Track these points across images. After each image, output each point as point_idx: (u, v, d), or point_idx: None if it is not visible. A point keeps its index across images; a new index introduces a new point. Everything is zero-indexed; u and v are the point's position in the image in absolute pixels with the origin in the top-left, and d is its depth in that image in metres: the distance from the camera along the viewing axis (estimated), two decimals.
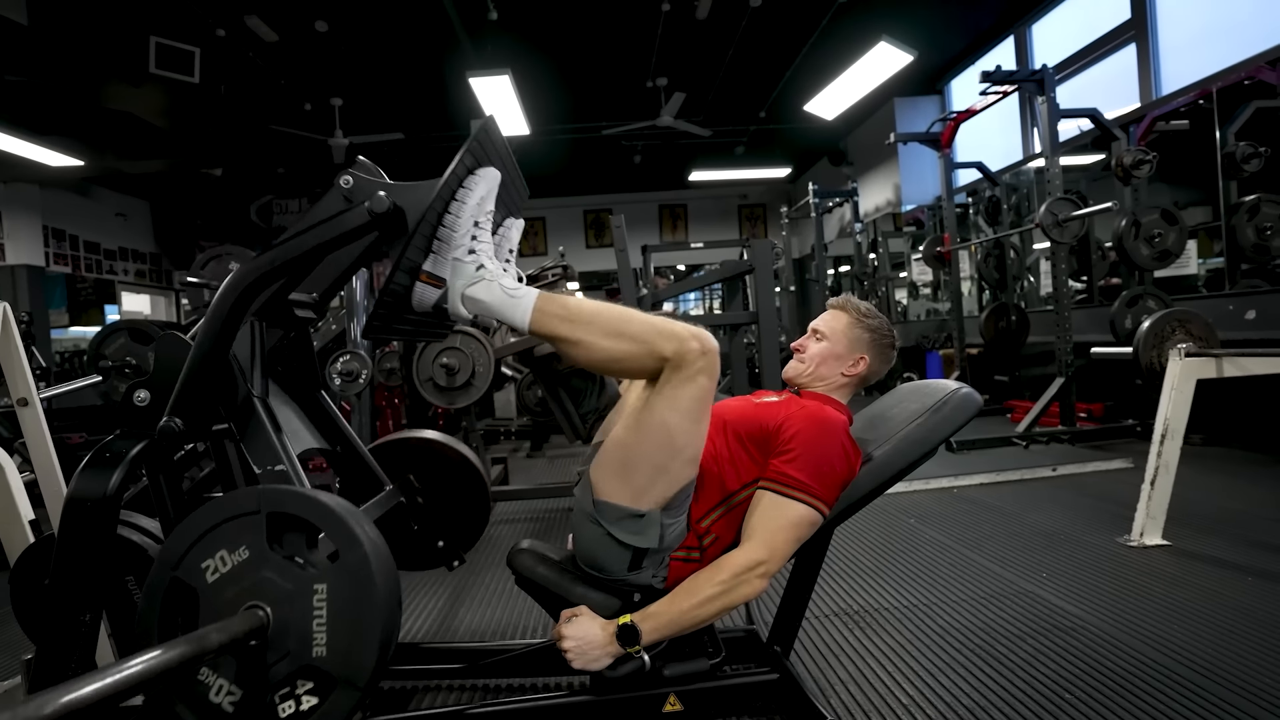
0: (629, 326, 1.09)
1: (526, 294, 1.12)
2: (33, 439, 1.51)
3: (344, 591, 0.93)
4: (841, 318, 1.36)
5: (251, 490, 1.01)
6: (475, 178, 1.14)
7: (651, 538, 1.13)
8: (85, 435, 4.10)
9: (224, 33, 5.30)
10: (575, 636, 1.11)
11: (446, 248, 1.12)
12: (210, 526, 0.97)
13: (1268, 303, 3.37)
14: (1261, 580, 1.87)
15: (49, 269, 8.18)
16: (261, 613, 0.92)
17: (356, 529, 0.95)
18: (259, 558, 0.95)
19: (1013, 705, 1.33)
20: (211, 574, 0.96)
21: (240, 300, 1.12)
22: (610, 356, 1.09)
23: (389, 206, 1.07)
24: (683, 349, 1.06)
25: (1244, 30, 4.11)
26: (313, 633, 0.92)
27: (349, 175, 1.14)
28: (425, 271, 1.12)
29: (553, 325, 1.10)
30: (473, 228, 1.13)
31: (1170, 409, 2.19)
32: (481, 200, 1.13)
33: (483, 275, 1.11)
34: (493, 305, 1.11)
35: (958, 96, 7.31)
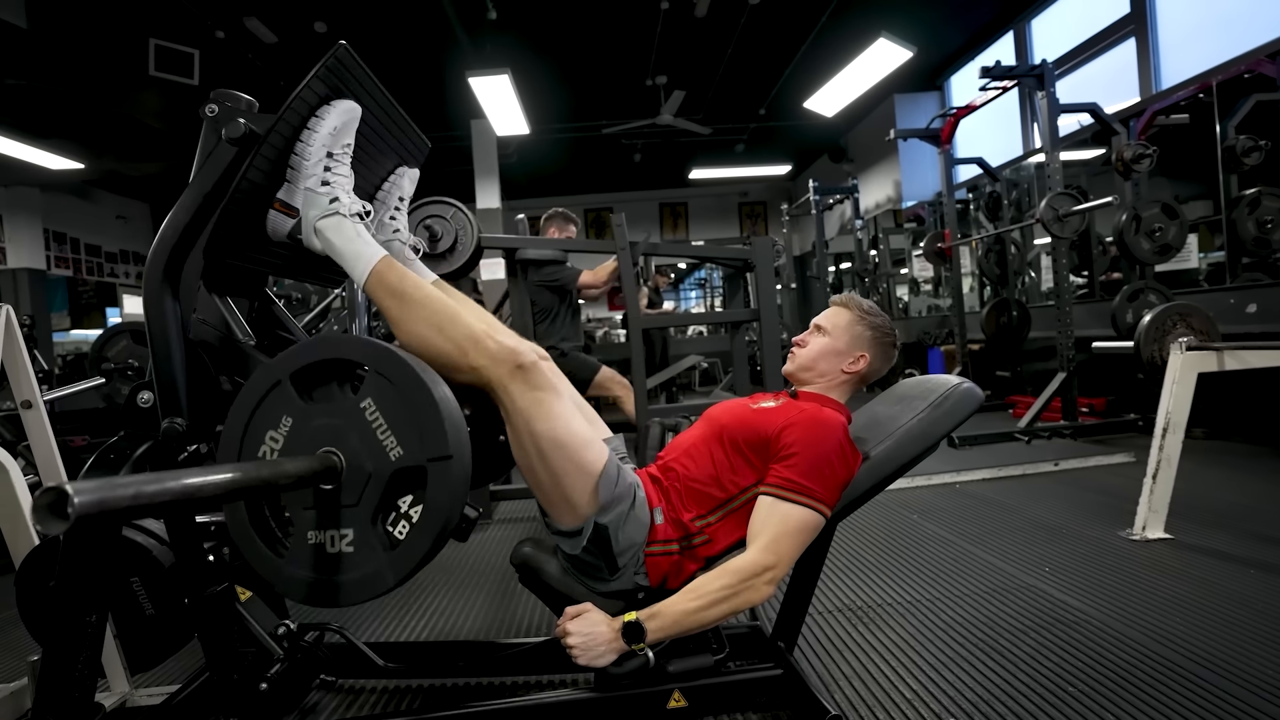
0: (451, 326, 1.08)
1: (373, 252, 1.11)
2: (37, 441, 1.52)
3: (387, 393, 0.95)
4: (844, 314, 1.36)
5: (263, 367, 1.02)
6: (328, 108, 1.13)
7: (577, 544, 1.15)
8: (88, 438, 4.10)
9: (223, 35, 5.31)
10: (580, 633, 1.11)
11: (298, 175, 1.11)
12: (248, 418, 1.00)
13: (1269, 296, 3.37)
14: (1263, 573, 1.87)
15: (50, 272, 8.20)
16: (334, 456, 0.94)
17: (365, 342, 0.98)
18: (302, 417, 0.98)
19: (1016, 699, 1.34)
20: (271, 456, 0.99)
21: (165, 278, 1.10)
22: (424, 348, 1.08)
23: (244, 130, 1.07)
24: (496, 371, 1.06)
25: (1243, 23, 4.10)
26: (383, 443, 0.94)
27: (213, 103, 1.11)
28: (279, 199, 1.11)
29: (381, 295, 1.10)
30: (326, 158, 1.11)
31: (1172, 403, 2.19)
32: (335, 131, 1.12)
33: (336, 209, 1.10)
34: (339, 248, 1.11)
35: (957, 92, 7.30)
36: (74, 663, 1.09)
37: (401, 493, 0.96)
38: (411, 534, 0.94)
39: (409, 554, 0.93)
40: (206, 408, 1.17)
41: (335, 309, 3.96)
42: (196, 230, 1.12)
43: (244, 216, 1.12)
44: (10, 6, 4.52)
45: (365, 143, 1.24)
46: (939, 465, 3.23)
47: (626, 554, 1.15)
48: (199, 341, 1.18)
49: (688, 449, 1.28)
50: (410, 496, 0.95)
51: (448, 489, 0.92)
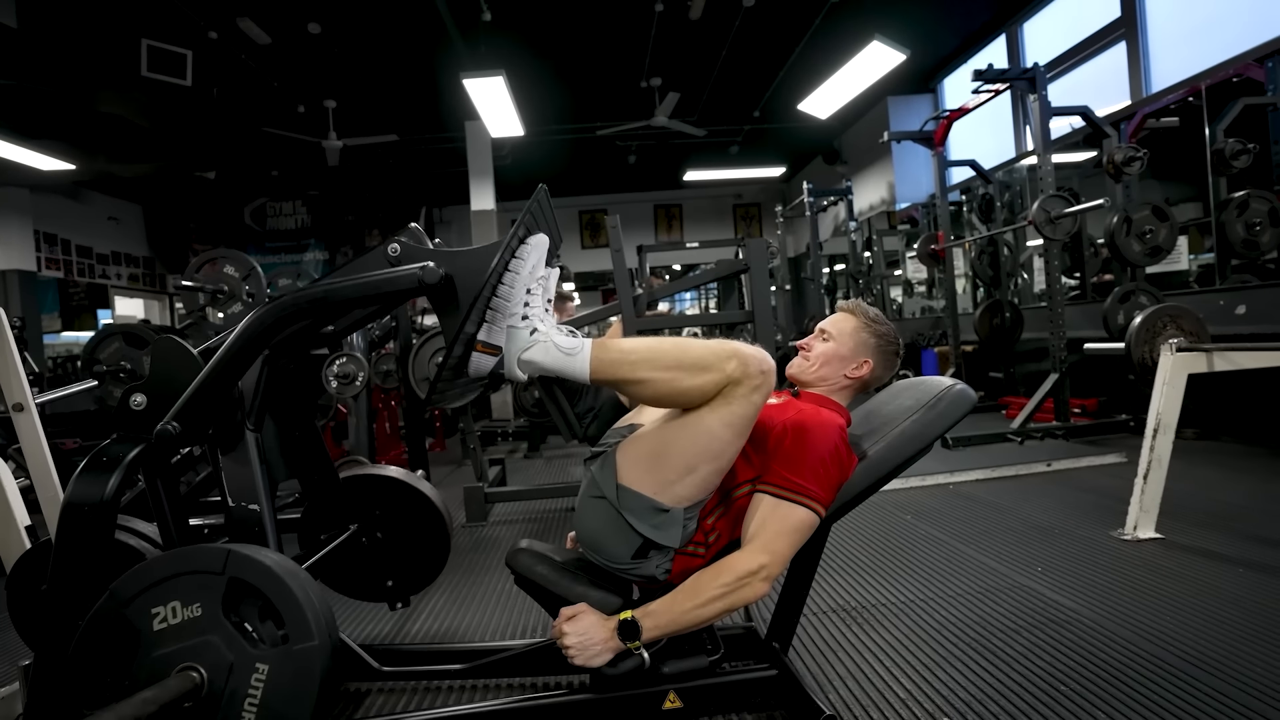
0: (688, 355, 1.09)
1: (581, 348, 1.12)
2: (28, 444, 1.51)
3: (284, 679, 0.92)
4: (850, 320, 1.37)
5: (220, 550, 0.99)
6: (527, 246, 1.14)
7: (674, 535, 1.14)
8: (79, 440, 4.08)
9: (216, 35, 5.29)
10: (576, 633, 1.11)
11: (501, 317, 1.12)
12: (171, 574, 0.97)
13: (1258, 298, 3.40)
14: (1253, 572, 1.89)
15: (41, 274, 8.14)
16: (196, 675, 0.92)
17: (313, 621, 0.94)
18: (210, 620, 0.95)
19: (1009, 698, 1.35)
20: (159, 622, 0.96)
21: (270, 329, 1.13)
22: (676, 388, 1.09)
23: (440, 278, 1.08)
24: (746, 368, 1.06)
25: (1232, 28, 4.14)
26: (241, 713, 0.91)
27: (397, 244, 1.15)
28: (481, 341, 1.12)
29: (614, 371, 1.11)
30: (525, 294, 1.13)
31: (1162, 403, 2.21)
32: (534, 268, 1.14)
33: (537, 339, 1.12)
34: (550, 366, 1.11)
35: (950, 95, 7.34)
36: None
37: None
38: None
39: None
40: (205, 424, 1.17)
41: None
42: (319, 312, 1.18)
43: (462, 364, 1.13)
44: (0, 6, 4.50)
45: None
46: (933, 466, 3.24)
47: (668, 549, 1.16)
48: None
49: None
50: None
51: None
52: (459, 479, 4.02)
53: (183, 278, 3.03)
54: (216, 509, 2.27)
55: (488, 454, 4.33)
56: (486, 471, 3.60)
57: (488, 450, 4.75)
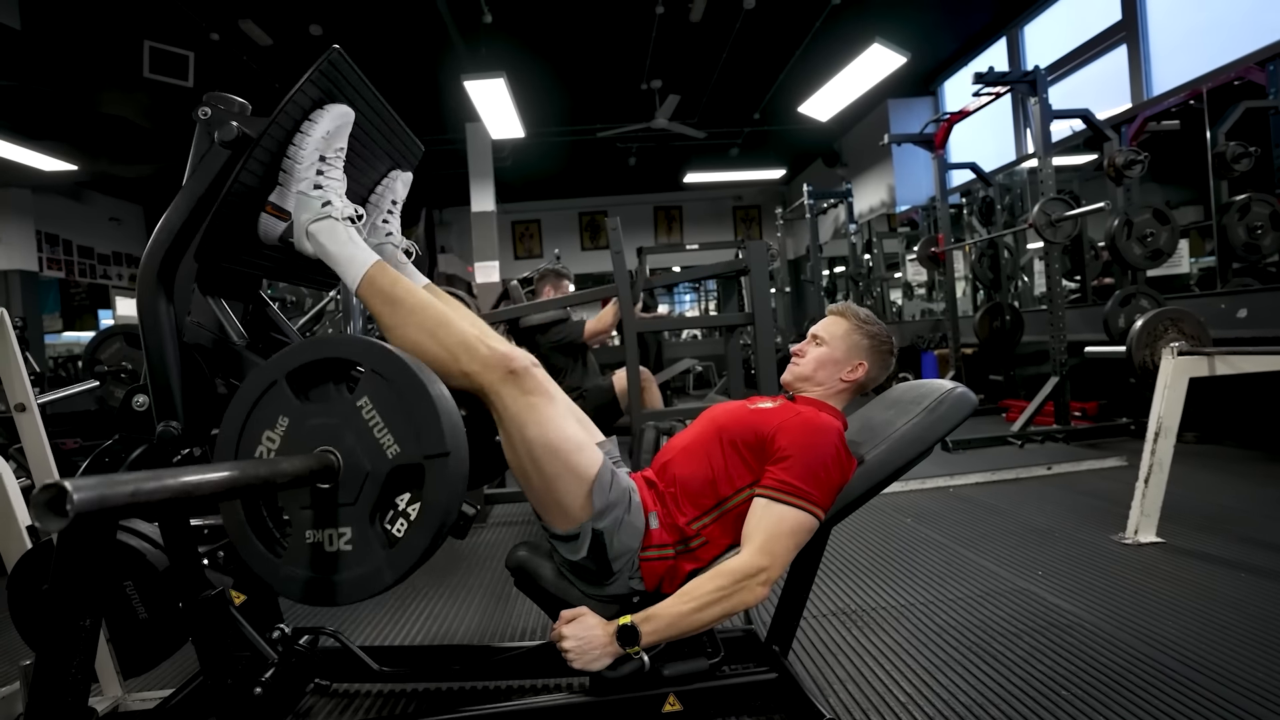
0: (443, 331, 1.09)
1: (365, 256, 1.11)
2: (30, 444, 1.51)
3: (383, 390, 0.95)
4: (841, 323, 1.37)
5: (260, 367, 1.02)
6: (321, 111, 1.13)
7: (580, 547, 1.14)
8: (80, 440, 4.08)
9: (218, 37, 5.30)
10: (576, 636, 1.11)
11: (290, 179, 1.11)
12: (244, 419, 1.00)
13: (1259, 301, 3.40)
14: (1254, 576, 1.89)
15: (42, 274, 8.15)
16: (331, 456, 0.94)
17: (361, 341, 0.98)
18: (298, 416, 0.98)
19: (1009, 702, 1.34)
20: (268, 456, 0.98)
21: (158, 281, 1.10)
22: (417, 353, 1.08)
23: (237, 133, 1.07)
24: (488, 376, 1.07)
25: (1233, 31, 4.14)
26: (379, 441, 0.94)
27: (206, 106, 1.11)
28: (271, 203, 1.11)
29: (373, 300, 1.11)
30: (318, 162, 1.12)
31: (1163, 407, 2.21)
32: (329, 135, 1.12)
33: (328, 212, 1.11)
34: (332, 252, 1.11)
35: (951, 98, 7.35)
36: (67, 667, 1.08)
37: (399, 490, 0.96)
38: (410, 532, 0.94)
39: (407, 552, 0.93)
40: (201, 411, 1.16)
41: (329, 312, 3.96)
42: (190, 234, 1.12)
43: (236, 220, 1.12)
44: (4, 7, 4.51)
45: (358, 146, 1.24)
46: (933, 469, 3.24)
47: (621, 559, 1.16)
48: (193, 344, 1.17)
49: (685, 449, 1.28)
50: (408, 494, 0.95)
51: (445, 486, 0.93)
52: None
53: None
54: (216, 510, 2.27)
55: None
56: None
57: None
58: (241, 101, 1.14)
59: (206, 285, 1.21)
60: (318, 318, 3.80)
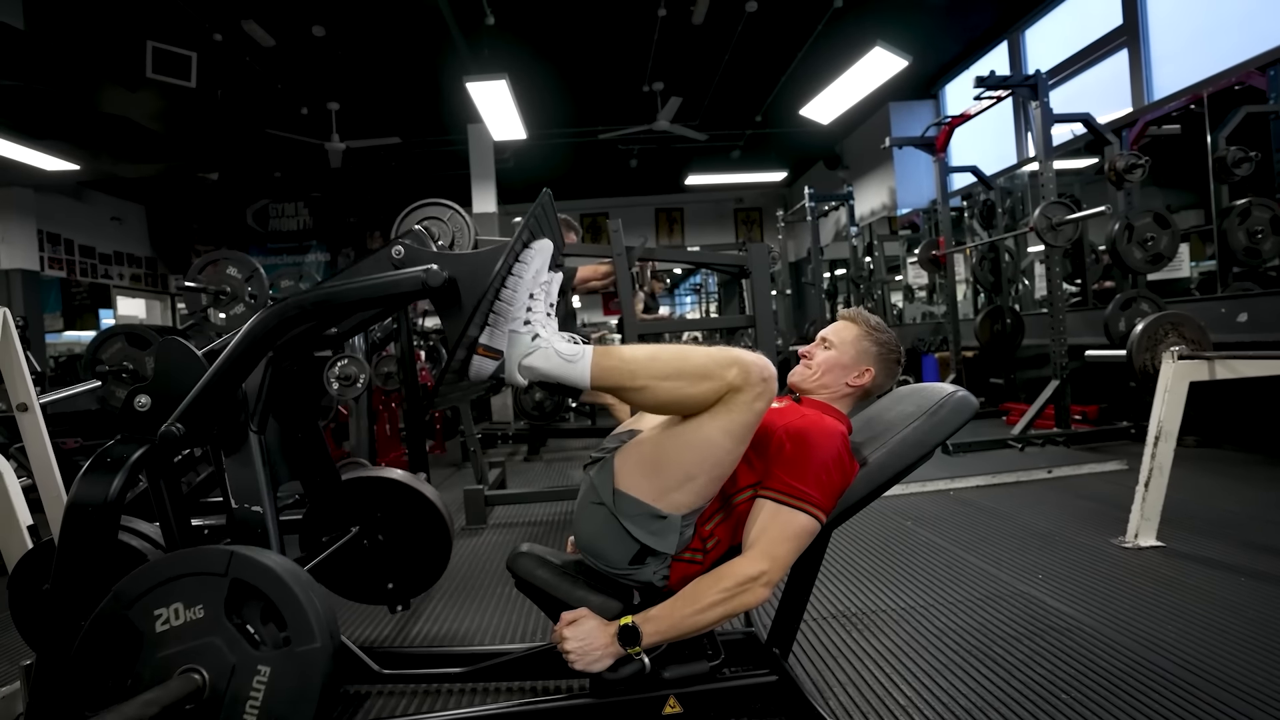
0: (689, 363, 1.09)
1: (582, 355, 1.12)
2: (32, 444, 1.51)
3: (286, 681, 0.92)
4: (851, 329, 1.38)
5: (224, 551, 0.99)
6: (531, 251, 1.15)
7: (670, 543, 1.14)
8: (80, 440, 4.08)
9: (221, 37, 5.31)
10: (577, 638, 1.11)
11: (503, 321, 1.12)
12: (174, 575, 0.97)
13: (1259, 305, 3.40)
14: (1254, 581, 1.89)
15: (44, 273, 8.16)
16: (199, 677, 0.92)
17: (315, 624, 0.95)
18: (212, 621, 0.95)
19: (1009, 705, 1.34)
20: (161, 624, 0.96)
21: (275, 331, 1.14)
22: (676, 396, 1.09)
23: (444, 281, 1.08)
24: (748, 376, 1.07)
25: (1234, 36, 4.15)
26: (243, 716, 0.91)
27: (401, 246, 1.16)
28: (482, 345, 1.12)
29: (614, 379, 1.11)
30: (528, 299, 1.13)
31: (1164, 411, 2.21)
32: (537, 273, 1.14)
33: (538, 345, 1.12)
34: (550, 372, 1.12)
35: (952, 101, 7.36)
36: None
37: None
38: None
39: None
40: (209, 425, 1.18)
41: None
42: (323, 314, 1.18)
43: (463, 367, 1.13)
44: (8, 7, 4.52)
45: None
46: (934, 472, 3.24)
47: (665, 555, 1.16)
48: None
49: None
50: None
51: None
52: (459, 481, 4.02)
53: (185, 278, 3.03)
54: (218, 509, 2.27)
55: (488, 457, 4.33)
56: (487, 474, 3.60)
57: (488, 453, 4.75)
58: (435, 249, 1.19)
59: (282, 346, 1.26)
60: None
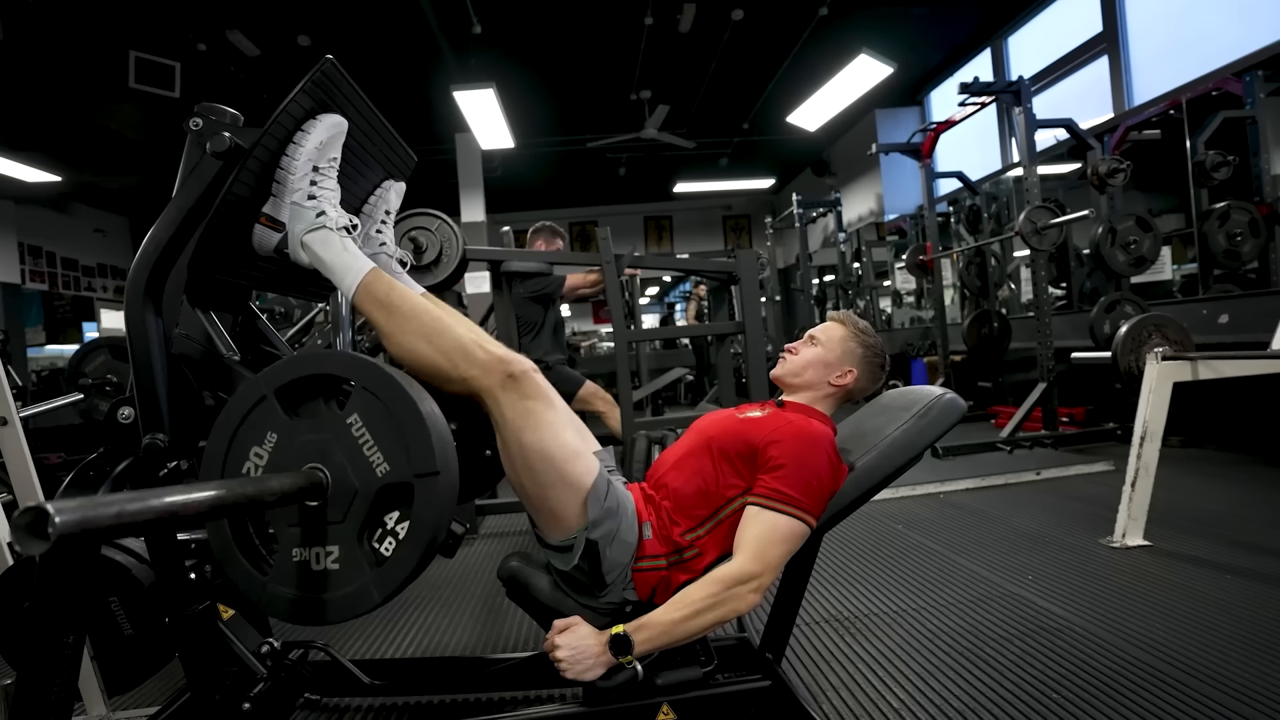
0: (440, 338, 1.09)
1: (361, 264, 1.11)
2: (12, 459, 1.49)
3: (374, 409, 0.94)
4: (838, 329, 1.39)
5: (249, 381, 1.00)
6: (314, 121, 1.13)
7: (573, 557, 1.14)
8: (63, 455, 4.03)
9: (205, 47, 5.28)
10: (569, 646, 1.11)
11: (284, 189, 1.11)
12: (232, 434, 0.98)
13: (1240, 307, 3.45)
14: (1240, 578, 1.91)
15: (25, 286, 8.06)
16: (319, 473, 0.93)
17: (351, 357, 0.97)
18: (287, 432, 0.96)
19: (1001, 706, 1.35)
20: (255, 473, 0.97)
21: (147, 293, 1.10)
22: (415, 359, 1.09)
23: (229, 144, 1.06)
24: (487, 381, 1.07)
25: (1211, 43, 4.22)
26: (369, 459, 0.93)
27: (198, 116, 1.10)
28: (264, 214, 1.12)
29: (370, 307, 1.11)
30: (312, 172, 1.12)
31: (1149, 411, 2.23)
32: (322, 145, 1.13)
33: (322, 222, 1.11)
34: (327, 261, 1.11)
35: (937, 107, 7.43)
36: (50, 686, 1.06)
37: (388, 509, 0.95)
38: (398, 551, 0.93)
39: (395, 571, 0.92)
40: (189, 423, 1.15)
41: (319, 323, 3.93)
42: (179, 245, 1.11)
43: (229, 231, 1.12)
44: None
45: (351, 156, 1.24)
46: (923, 476, 3.25)
47: (614, 572, 1.15)
48: (181, 356, 1.16)
49: (676, 462, 1.28)
50: (397, 513, 0.94)
51: (435, 506, 0.92)
52: None
53: None
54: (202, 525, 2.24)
55: None
56: None
57: None
58: (233, 113, 1.14)
59: (195, 297, 1.20)
60: (307, 329, 3.78)
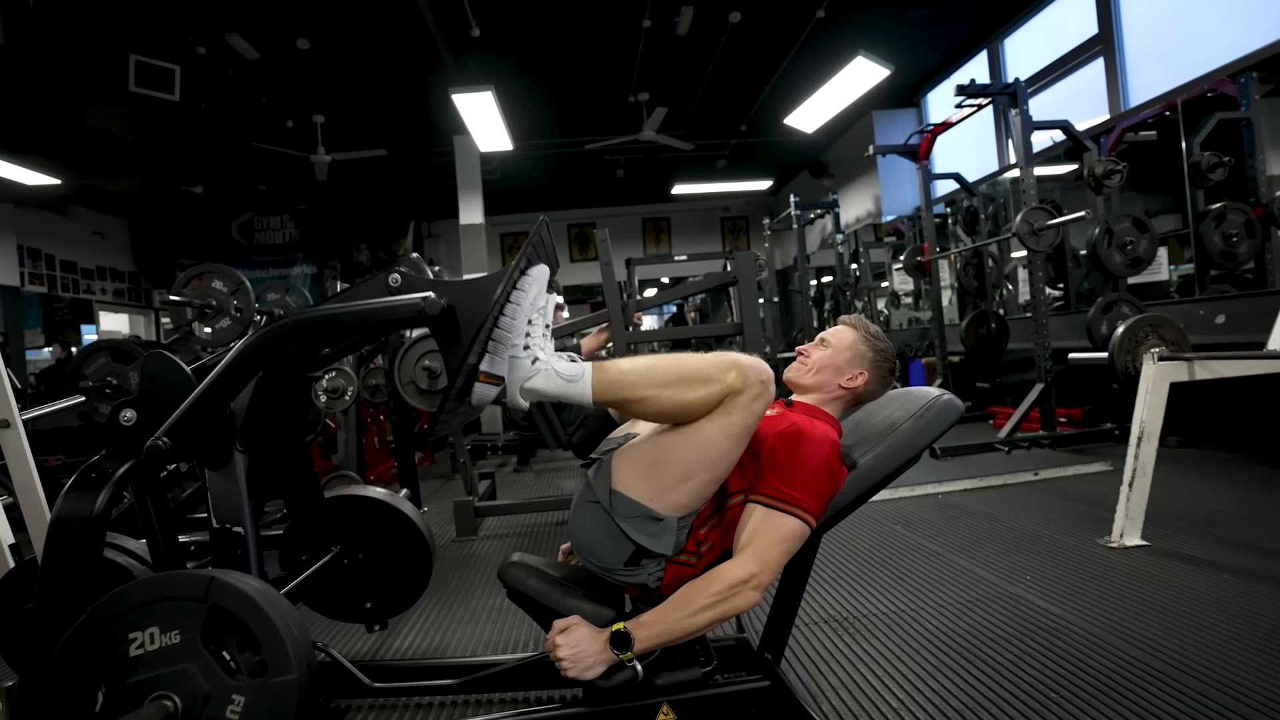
0: (686, 369, 1.11)
1: (582, 373, 1.13)
2: (14, 461, 1.49)
3: (259, 712, 0.91)
4: (850, 333, 1.40)
5: (204, 576, 0.98)
6: (528, 278, 1.16)
7: (666, 544, 1.14)
8: (63, 458, 4.03)
9: (205, 50, 5.29)
10: (570, 645, 1.11)
11: (503, 348, 1.13)
12: (152, 599, 0.96)
13: (1236, 307, 3.46)
14: (1237, 577, 1.92)
15: (24, 289, 8.05)
16: (170, 704, 0.90)
17: (293, 654, 0.94)
18: (189, 648, 0.93)
19: (999, 705, 1.35)
20: (136, 648, 0.94)
21: (269, 349, 1.13)
22: (676, 403, 1.10)
23: (442, 309, 1.09)
24: (746, 378, 1.08)
25: (1206, 45, 4.24)
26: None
27: (398, 274, 1.16)
28: (483, 372, 1.13)
29: (616, 392, 1.12)
30: (527, 324, 1.14)
31: (1146, 412, 2.24)
32: (535, 298, 1.15)
33: (539, 368, 1.13)
34: (552, 392, 1.13)
35: (934, 109, 7.45)
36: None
37: None
38: None
39: None
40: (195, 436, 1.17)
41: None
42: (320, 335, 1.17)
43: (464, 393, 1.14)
44: None
45: None
46: (921, 476, 3.26)
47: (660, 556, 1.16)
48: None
49: None
50: None
51: None
52: (449, 493, 3.99)
53: (170, 292, 3.01)
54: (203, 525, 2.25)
55: (477, 468, 4.31)
56: (476, 485, 3.58)
57: (477, 464, 4.72)
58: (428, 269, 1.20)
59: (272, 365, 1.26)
60: None
